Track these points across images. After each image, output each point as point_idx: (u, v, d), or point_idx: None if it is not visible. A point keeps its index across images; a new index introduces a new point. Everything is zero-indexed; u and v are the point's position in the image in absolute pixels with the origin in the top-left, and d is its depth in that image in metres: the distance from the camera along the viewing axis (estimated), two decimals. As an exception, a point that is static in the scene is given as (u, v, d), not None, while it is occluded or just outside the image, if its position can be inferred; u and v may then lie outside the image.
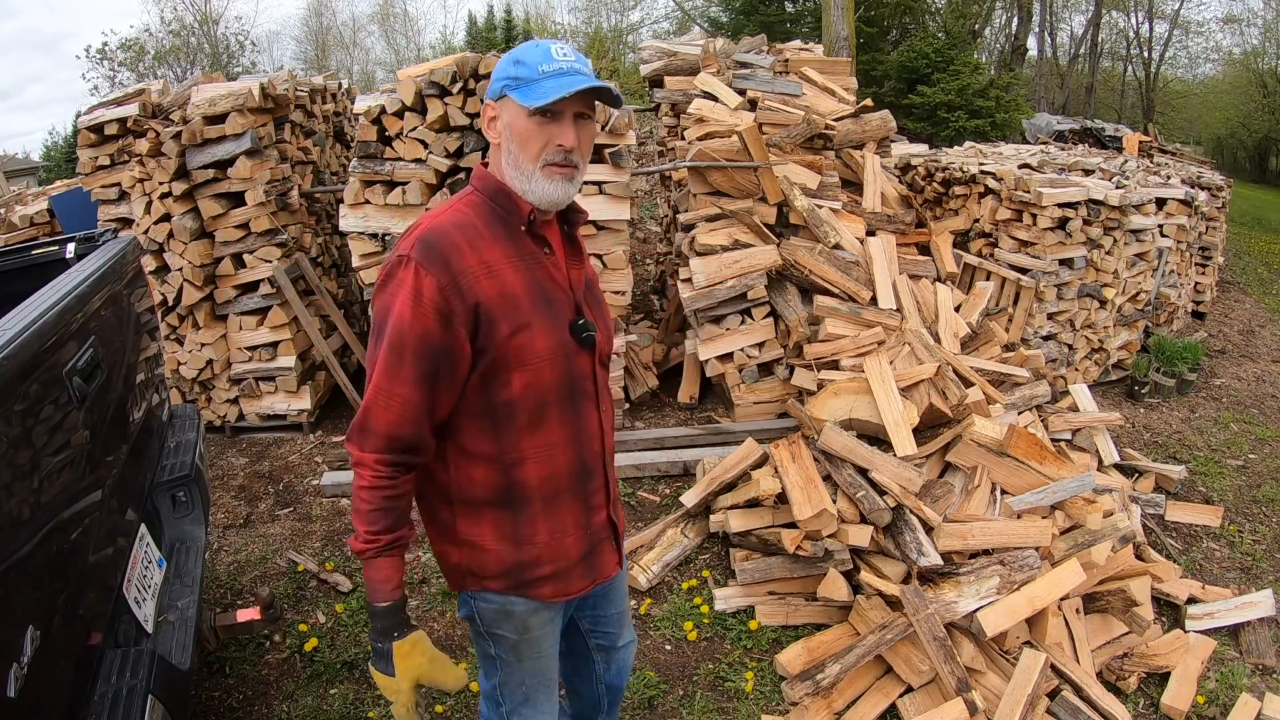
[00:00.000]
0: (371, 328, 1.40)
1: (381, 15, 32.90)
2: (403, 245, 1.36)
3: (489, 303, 1.36)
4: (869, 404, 3.26)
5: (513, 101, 1.37)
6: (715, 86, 5.02)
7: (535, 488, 1.47)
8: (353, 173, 3.80)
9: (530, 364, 1.40)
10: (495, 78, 1.42)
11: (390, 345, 1.33)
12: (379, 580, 1.41)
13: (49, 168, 22.01)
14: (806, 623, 2.91)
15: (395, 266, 1.34)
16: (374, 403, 1.35)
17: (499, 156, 1.43)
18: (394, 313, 1.33)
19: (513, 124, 1.39)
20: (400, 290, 1.33)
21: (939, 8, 18.48)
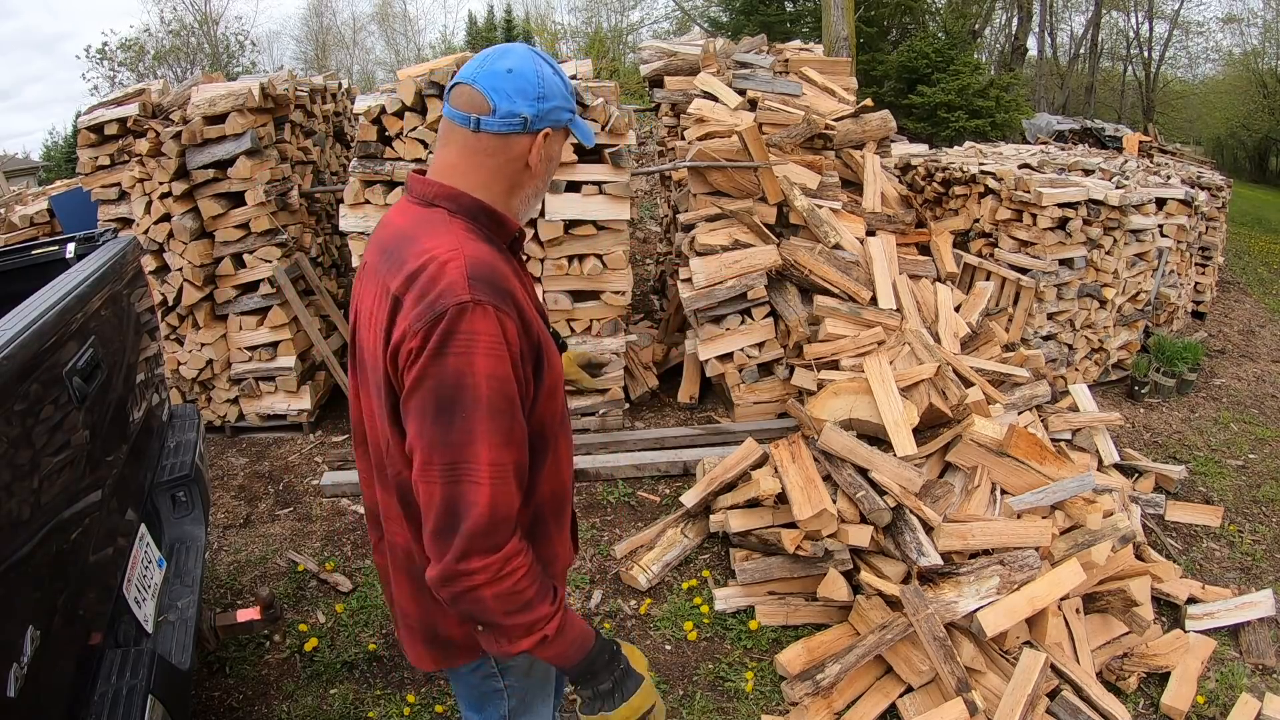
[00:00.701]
0: (432, 402, 1.12)
1: (381, 15, 32.93)
2: (455, 293, 1.11)
3: (540, 334, 1.24)
4: (869, 404, 3.26)
5: (570, 134, 1.30)
6: (715, 86, 5.02)
7: (549, 506, 1.40)
8: (353, 173, 3.80)
9: (555, 390, 1.31)
10: (561, 105, 1.25)
11: (494, 411, 1.12)
12: (577, 636, 1.26)
13: (49, 168, 22.02)
14: (806, 623, 2.91)
15: (459, 319, 1.10)
16: (500, 488, 1.14)
17: (516, 180, 1.28)
18: (481, 375, 1.11)
19: (557, 157, 1.31)
20: (480, 343, 1.11)
21: (939, 8, 18.48)
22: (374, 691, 2.69)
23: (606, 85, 4.44)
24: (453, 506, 1.13)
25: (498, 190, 1.28)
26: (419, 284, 1.14)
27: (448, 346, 1.10)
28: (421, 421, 1.13)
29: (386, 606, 1.66)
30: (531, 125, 1.23)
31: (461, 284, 1.12)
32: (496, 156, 1.25)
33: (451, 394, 1.11)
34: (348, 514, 3.74)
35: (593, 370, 1.82)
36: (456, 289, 1.12)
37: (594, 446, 4.03)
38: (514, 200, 1.30)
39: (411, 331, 1.12)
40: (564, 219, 3.79)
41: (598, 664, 1.29)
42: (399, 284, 1.16)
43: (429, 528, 1.16)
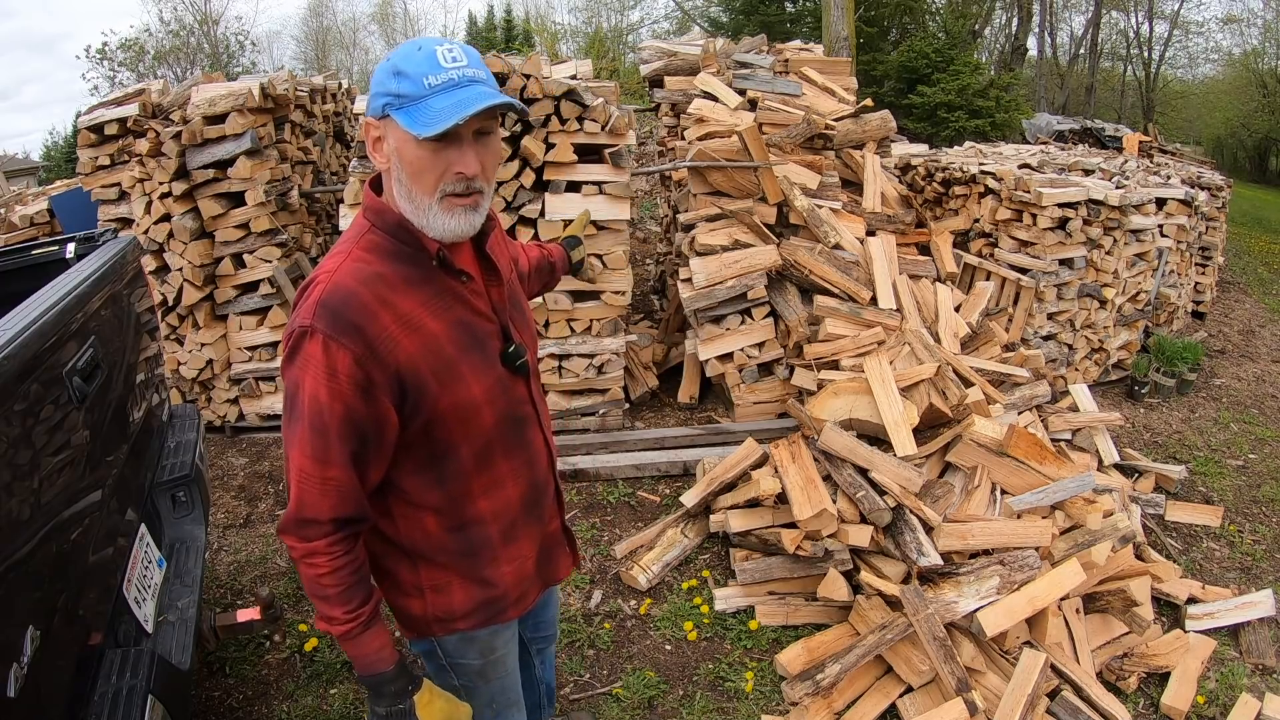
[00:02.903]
0: (284, 399, 1.25)
1: (381, 15, 32.93)
2: (303, 314, 1.18)
3: (413, 364, 1.23)
4: (869, 404, 3.26)
5: (397, 125, 1.16)
6: (715, 86, 5.02)
7: (491, 523, 1.42)
8: (353, 173, 3.80)
9: (469, 414, 1.31)
10: (374, 90, 1.19)
11: (312, 427, 1.20)
12: (374, 651, 1.34)
13: (49, 168, 22.03)
14: (806, 623, 2.91)
15: (300, 341, 1.18)
16: (306, 491, 1.23)
17: (390, 184, 1.24)
18: (307, 392, 1.19)
19: (400, 150, 1.18)
20: (310, 366, 1.18)
21: (939, 8, 18.48)
22: (374, 691, 2.69)
23: (606, 85, 4.44)
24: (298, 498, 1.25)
25: (390, 195, 1.26)
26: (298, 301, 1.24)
27: (290, 362, 1.21)
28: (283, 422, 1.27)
29: None
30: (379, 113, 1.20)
31: (309, 310, 1.19)
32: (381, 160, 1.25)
33: (290, 402, 1.23)
34: (348, 514, 3.74)
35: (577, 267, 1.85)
36: (304, 314, 1.19)
37: (594, 446, 4.03)
38: (404, 205, 1.24)
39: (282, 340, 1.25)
40: (564, 219, 3.79)
41: (387, 690, 1.37)
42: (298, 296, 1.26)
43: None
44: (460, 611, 1.47)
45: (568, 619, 2.99)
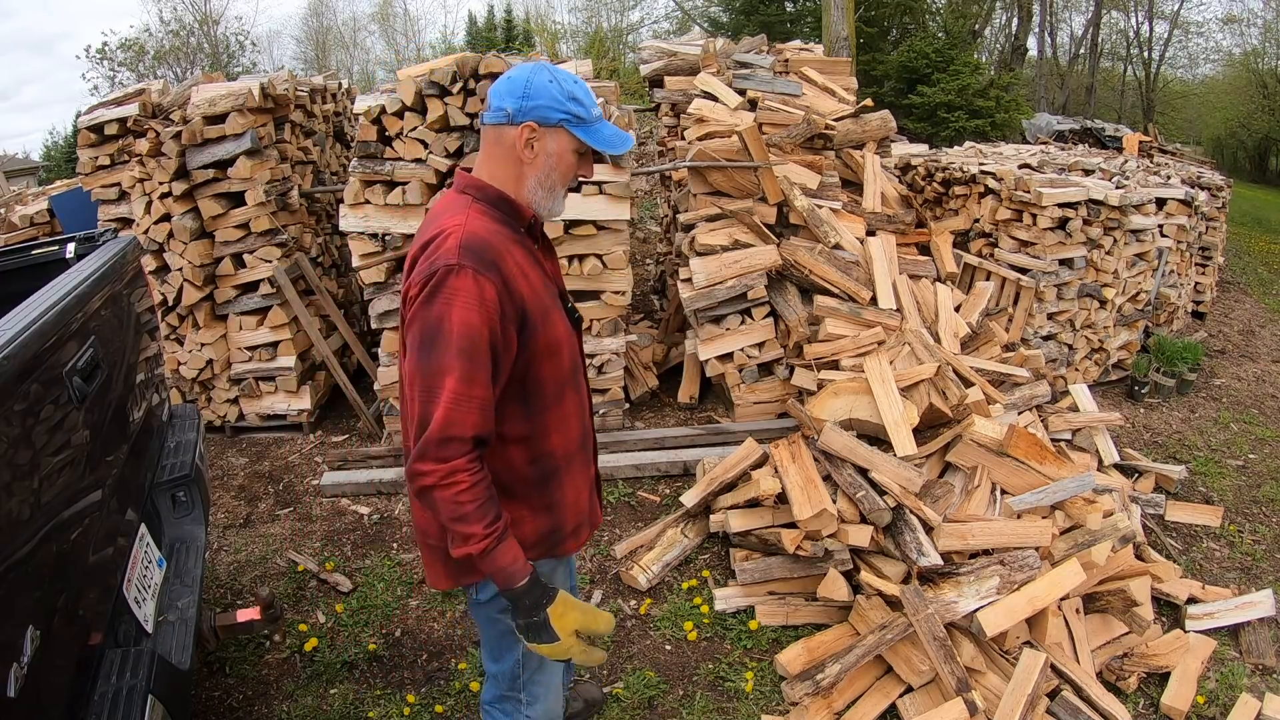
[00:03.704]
0: (417, 339, 1.41)
1: (381, 15, 32.90)
2: (447, 255, 1.41)
3: (528, 302, 1.48)
4: (869, 404, 3.26)
5: (569, 135, 1.50)
6: (715, 86, 5.02)
7: (560, 456, 1.65)
8: (353, 173, 3.80)
9: (557, 351, 1.57)
10: (549, 106, 1.47)
11: (462, 351, 1.39)
12: (509, 564, 1.47)
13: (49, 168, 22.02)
14: (806, 623, 2.91)
15: (447, 275, 1.39)
16: (453, 410, 1.38)
17: (517, 172, 1.53)
18: (456, 320, 1.38)
19: (560, 154, 1.52)
20: (458, 298, 1.39)
21: (939, 8, 18.48)
22: (374, 691, 2.69)
23: (607, 85, 4.44)
24: (423, 420, 1.40)
25: (505, 177, 1.54)
26: (428, 251, 1.45)
27: (434, 298, 1.40)
28: (412, 352, 1.43)
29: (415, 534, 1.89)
30: (514, 118, 1.48)
31: (453, 252, 1.41)
32: (496, 146, 1.53)
33: (433, 334, 1.40)
34: (348, 514, 3.74)
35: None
36: (448, 256, 1.41)
37: (594, 446, 4.03)
38: (523, 188, 1.54)
39: (415, 281, 1.43)
40: (564, 219, 3.78)
41: (521, 602, 1.50)
42: (416, 250, 1.49)
43: (407, 434, 1.45)
44: (527, 543, 1.61)
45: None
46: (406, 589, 3.20)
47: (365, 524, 3.65)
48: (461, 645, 2.90)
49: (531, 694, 1.82)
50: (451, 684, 2.71)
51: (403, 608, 3.09)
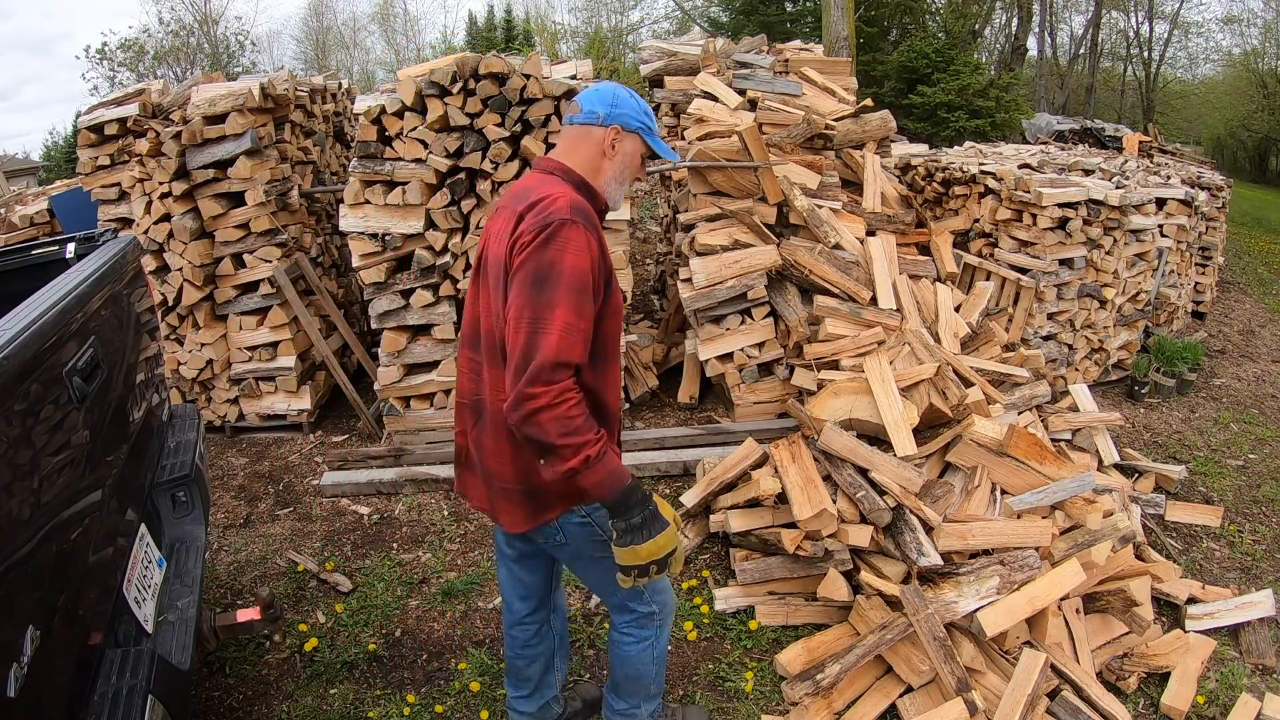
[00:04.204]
0: (529, 277, 1.62)
1: (381, 15, 32.90)
2: (561, 211, 1.65)
3: (608, 262, 1.74)
4: (869, 404, 3.26)
5: (643, 143, 1.85)
6: (715, 86, 5.02)
7: (611, 413, 1.86)
8: (353, 173, 3.80)
9: (617, 313, 1.80)
10: (631, 115, 1.82)
11: (572, 288, 1.61)
12: (616, 468, 1.66)
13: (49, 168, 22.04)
14: (806, 623, 2.91)
15: (561, 226, 1.63)
16: (565, 338, 1.59)
17: (598, 164, 1.83)
18: (568, 264, 1.61)
19: (633, 155, 1.85)
20: (570, 245, 1.62)
21: (939, 8, 18.48)
22: (374, 691, 2.69)
23: (606, 85, 4.44)
24: (529, 349, 1.58)
25: (588, 168, 1.83)
26: (538, 208, 1.67)
27: (549, 243, 1.61)
28: (520, 289, 1.62)
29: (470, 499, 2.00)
30: (604, 120, 1.81)
31: (566, 210, 1.65)
32: (584, 141, 1.83)
33: (545, 273, 1.61)
34: (348, 514, 3.74)
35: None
36: (562, 212, 1.65)
37: (594, 446, 4.02)
38: (600, 179, 1.84)
39: (527, 230, 1.64)
40: (564, 219, 3.78)
41: (631, 500, 1.67)
42: (525, 208, 1.69)
43: (511, 365, 1.60)
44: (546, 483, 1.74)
45: (568, 619, 2.99)
46: (406, 589, 3.20)
47: (365, 524, 3.65)
48: (461, 645, 2.90)
49: (658, 601, 2.04)
50: (451, 684, 2.71)
51: (403, 608, 3.09)
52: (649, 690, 2.20)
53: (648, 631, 2.08)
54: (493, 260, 1.75)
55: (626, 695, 2.21)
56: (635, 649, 2.09)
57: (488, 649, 2.86)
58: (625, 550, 1.69)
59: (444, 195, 3.78)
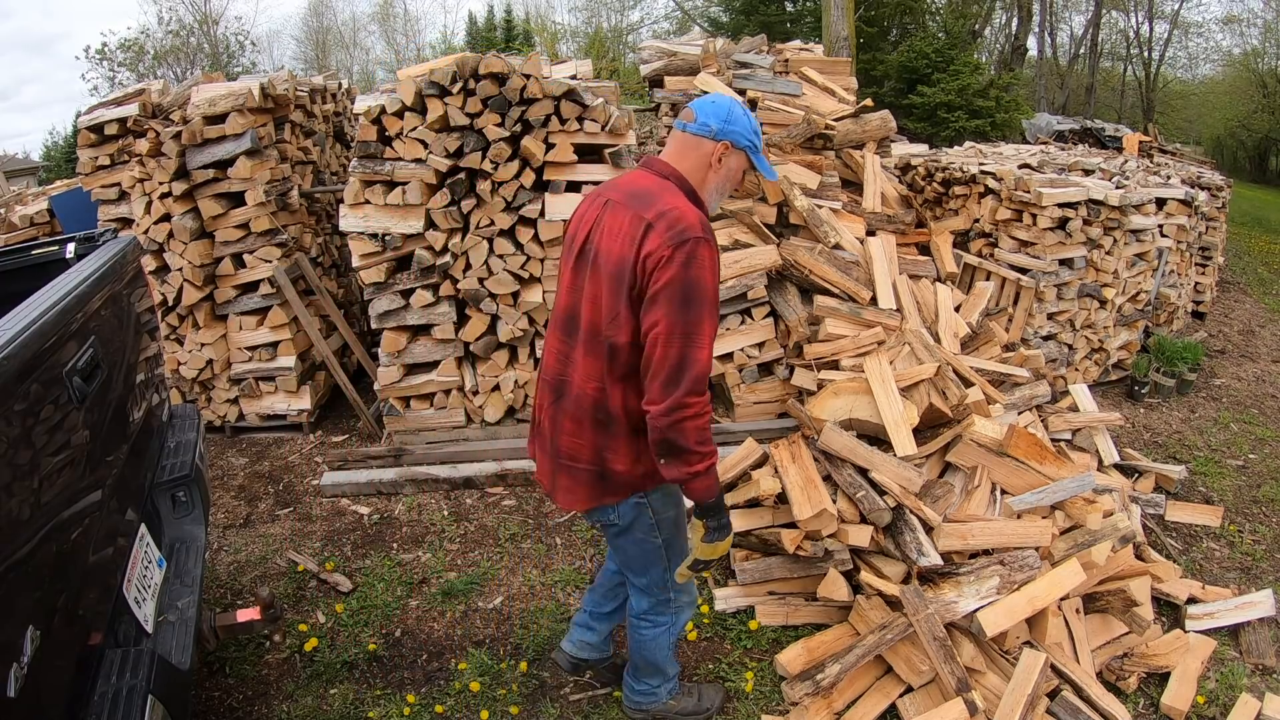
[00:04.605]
0: (677, 295, 1.74)
1: (381, 15, 32.92)
2: (694, 228, 1.76)
3: None
4: (869, 404, 3.26)
5: (746, 158, 1.94)
6: (715, 86, 5.02)
7: None
8: (353, 173, 3.80)
9: None
10: (741, 132, 1.90)
11: (712, 306, 1.78)
12: (715, 481, 1.87)
13: (49, 168, 22.03)
14: (806, 623, 2.91)
15: (697, 246, 1.74)
16: (709, 354, 1.77)
17: (704, 174, 1.92)
18: (708, 283, 1.76)
19: (736, 170, 1.96)
20: (707, 264, 1.76)
21: (939, 8, 18.48)
22: (374, 691, 2.69)
23: (607, 85, 4.44)
24: (682, 363, 1.74)
25: (695, 178, 1.92)
26: (668, 219, 1.76)
27: (691, 264, 1.73)
28: (668, 307, 1.73)
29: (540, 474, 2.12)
30: (716, 135, 1.88)
31: (698, 227, 1.77)
32: (695, 151, 1.90)
33: (691, 293, 1.74)
34: (348, 514, 3.74)
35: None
36: (695, 229, 1.76)
37: (594, 446, 4.02)
38: (704, 189, 1.93)
39: (664, 245, 1.74)
40: (564, 219, 3.78)
41: (721, 504, 1.92)
42: (653, 215, 1.78)
43: (660, 378, 1.75)
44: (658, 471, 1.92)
45: (568, 619, 2.99)
46: (406, 589, 3.20)
47: (365, 524, 3.65)
48: (461, 645, 2.90)
49: (678, 589, 2.18)
50: (451, 684, 2.71)
51: (403, 608, 3.09)
52: (666, 672, 2.38)
53: (664, 618, 2.23)
54: (606, 255, 1.84)
55: (645, 678, 2.40)
56: (651, 633, 2.26)
57: (488, 649, 2.86)
58: (708, 546, 1.95)
59: (444, 195, 3.78)
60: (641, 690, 2.42)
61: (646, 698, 2.43)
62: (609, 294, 1.83)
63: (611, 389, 1.88)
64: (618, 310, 1.81)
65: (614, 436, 1.92)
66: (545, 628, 2.94)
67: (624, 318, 1.81)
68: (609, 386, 1.88)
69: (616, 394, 1.88)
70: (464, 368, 4.09)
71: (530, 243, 3.84)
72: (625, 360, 1.84)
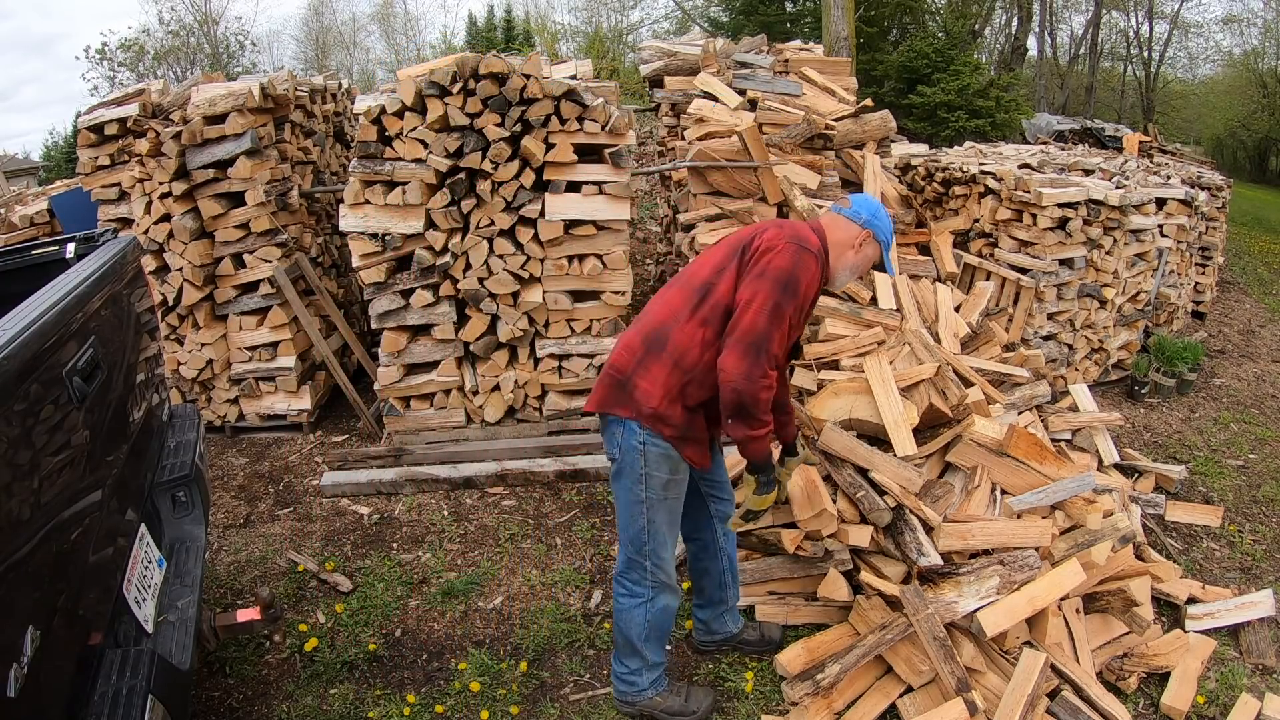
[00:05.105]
0: (770, 279, 2.06)
1: (381, 15, 32.90)
2: (814, 244, 2.14)
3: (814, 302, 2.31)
4: (869, 404, 3.25)
5: (880, 251, 2.31)
6: (715, 86, 5.02)
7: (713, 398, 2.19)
8: (353, 173, 3.80)
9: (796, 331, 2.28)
10: (883, 229, 2.27)
11: (795, 302, 2.08)
12: (768, 444, 2.21)
13: (49, 168, 22.02)
14: (806, 623, 2.91)
15: (808, 254, 2.10)
16: (778, 339, 2.08)
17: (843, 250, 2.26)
18: (803, 281, 2.09)
19: (869, 259, 2.31)
20: (806, 270, 2.09)
21: (939, 8, 18.48)
22: (374, 691, 2.69)
23: (606, 85, 4.44)
24: (766, 337, 2.05)
25: (836, 251, 2.26)
26: (789, 228, 2.17)
27: (795, 260, 2.08)
28: (771, 285, 2.06)
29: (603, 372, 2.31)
30: (864, 224, 2.26)
31: (816, 245, 2.15)
32: (842, 230, 2.27)
33: (791, 285, 2.08)
34: (348, 514, 3.74)
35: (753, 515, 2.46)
36: (812, 244, 2.14)
37: (594, 446, 4.03)
38: (839, 263, 2.27)
39: (776, 238, 2.12)
40: (564, 219, 3.79)
41: (770, 464, 2.27)
42: (774, 223, 2.20)
43: (743, 344, 2.04)
44: (675, 421, 2.16)
45: (568, 619, 3.00)
46: (406, 589, 3.20)
47: (365, 524, 3.65)
48: (461, 645, 2.90)
49: (655, 559, 2.31)
50: (451, 684, 2.71)
51: (403, 608, 3.09)
52: (645, 658, 2.43)
53: (641, 589, 2.35)
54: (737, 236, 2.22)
55: (625, 658, 2.47)
56: (628, 603, 2.38)
57: (488, 649, 2.86)
58: (759, 498, 2.30)
59: (444, 195, 3.78)
60: (622, 673, 2.48)
61: (628, 685, 2.47)
62: (724, 254, 2.19)
63: (684, 322, 2.15)
64: (725, 266, 2.15)
65: (656, 358, 2.16)
66: (545, 628, 2.94)
67: (729, 273, 2.13)
68: (683, 319, 2.15)
69: (683, 327, 2.14)
70: (464, 368, 4.09)
71: (530, 243, 3.84)
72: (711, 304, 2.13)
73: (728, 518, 2.54)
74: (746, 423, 2.09)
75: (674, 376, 2.14)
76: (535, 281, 3.92)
